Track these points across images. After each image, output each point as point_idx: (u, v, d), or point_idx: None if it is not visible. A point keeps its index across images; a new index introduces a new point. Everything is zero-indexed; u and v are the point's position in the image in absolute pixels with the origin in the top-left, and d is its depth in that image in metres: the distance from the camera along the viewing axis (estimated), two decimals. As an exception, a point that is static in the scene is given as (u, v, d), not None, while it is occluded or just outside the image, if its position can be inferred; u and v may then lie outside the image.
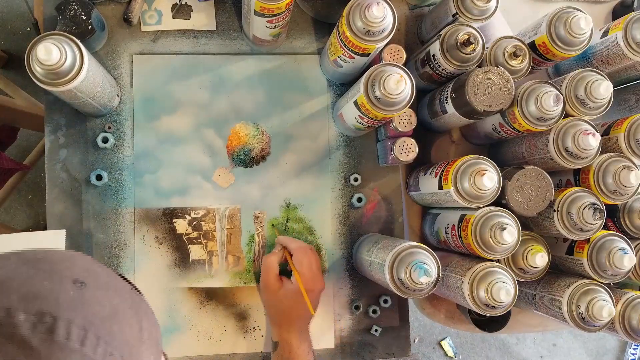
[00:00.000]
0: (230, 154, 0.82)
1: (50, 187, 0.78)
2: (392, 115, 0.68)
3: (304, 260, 0.74)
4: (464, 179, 0.67)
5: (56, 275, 0.33)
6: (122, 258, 0.79)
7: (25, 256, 0.35)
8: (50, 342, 0.30)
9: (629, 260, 0.68)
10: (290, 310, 0.74)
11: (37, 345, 0.29)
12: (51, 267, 0.34)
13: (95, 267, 0.37)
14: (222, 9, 0.83)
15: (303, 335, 0.74)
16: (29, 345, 0.29)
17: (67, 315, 0.31)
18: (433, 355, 1.79)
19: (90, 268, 0.37)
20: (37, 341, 0.29)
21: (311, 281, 0.74)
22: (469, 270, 0.67)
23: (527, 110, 0.68)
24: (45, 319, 0.30)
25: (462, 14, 0.73)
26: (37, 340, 0.29)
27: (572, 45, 0.71)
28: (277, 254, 0.77)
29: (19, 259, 0.34)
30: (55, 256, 0.36)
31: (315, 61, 0.85)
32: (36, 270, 0.33)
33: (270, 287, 0.75)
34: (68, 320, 0.31)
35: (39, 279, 0.33)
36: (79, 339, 0.31)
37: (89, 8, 0.72)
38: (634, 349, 1.87)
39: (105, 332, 0.32)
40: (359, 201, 0.84)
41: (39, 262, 0.34)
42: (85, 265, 0.37)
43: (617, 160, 0.70)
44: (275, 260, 0.76)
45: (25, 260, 0.34)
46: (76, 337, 0.31)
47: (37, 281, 0.32)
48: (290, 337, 0.73)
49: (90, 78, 0.66)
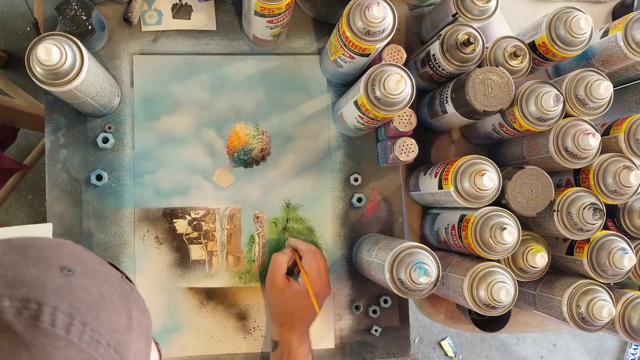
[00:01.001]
0: (230, 154, 0.82)
1: (50, 187, 0.78)
2: (392, 115, 0.68)
3: (313, 263, 0.74)
4: (464, 179, 0.67)
5: (43, 262, 0.33)
6: (122, 258, 0.79)
7: (14, 243, 0.35)
8: (35, 328, 0.30)
9: (629, 260, 0.68)
10: (294, 310, 0.74)
11: (21, 331, 0.29)
12: (39, 254, 0.34)
13: (84, 255, 0.37)
14: (222, 9, 0.83)
15: (303, 337, 0.74)
16: (14, 331, 0.29)
17: (53, 302, 0.31)
18: (433, 355, 1.79)
19: (80, 256, 0.36)
20: (22, 327, 0.29)
21: (319, 284, 0.74)
22: (469, 270, 0.67)
23: (527, 110, 0.68)
24: (31, 305, 0.30)
25: (462, 14, 0.73)
26: (21, 326, 0.29)
27: (572, 45, 0.71)
28: (286, 254, 0.77)
29: (7, 246, 0.34)
30: (44, 243, 0.36)
31: (315, 61, 0.85)
32: (24, 257, 0.33)
33: (277, 285, 0.75)
34: (53, 307, 0.31)
35: (26, 265, 0.32)
36: (64, 326, 0.31)
37: (89, 8, 0.72)
38: (634, 349, 1.87)
39: (91, 319, 0.32)
40: (359, 201, 0.84)
41: (27, 249, 0.34)
42: (74, 252, 0.36)
43: (617, 160, 0.70)
44: (285, 260, 0.76)
45: (13, 247, 0.34)
46: (61, 323, 0.30)
47: (24, 268, 0.32)
48: (291, 337, 0.73)
49: (90, 78, 0.66)
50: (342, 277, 0.83)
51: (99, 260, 0.38)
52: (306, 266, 0.75)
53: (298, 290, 0.74)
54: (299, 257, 0.77)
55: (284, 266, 0.76)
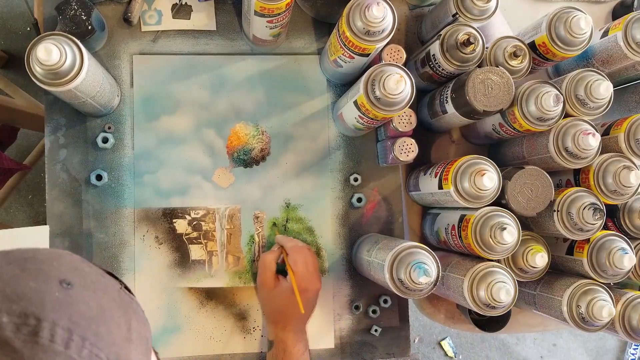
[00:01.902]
0: (230, 154, 0.82)
1: (50, 187, 0.78)
2: (392, 115, 0.68)
3: (298, 260, 0.74)
4: (464, 179, 0.67)
5: (42, 275, 0.33)
6: (122, 258, 0.79)
7: (12, 255, 0.34)
8: (34, 344, 0.29)
9: (629, 260, 0.68)
10: (286, 309, 0.74)
11: (20, 347, 0.29)
12: (37, 266, 0.34)
13: (83, 266, 0.37)
14: (222, 9, 0.83)
15: (298, 335, 0.74)
16: (12, 348, 0.29)
17: (52, 317, 0.31)
18: (433, 355, 1.79)
19: (78, 267, 0.36)
20: (20, 343, 0.29)
21: (306, 280, 0.73)
22: (469, 270, 0.67)
23: (527, 110, 0.68)
24: (29, 321, 0.30)
25: (462, 14, 0.73)
26: (20, 342, 0.29)
27: (572, 45, 0.71)
28: (274, 252, 0.76)
29: (4, 258, 0.34)
30: (42, 255, 0.35)
31: (315, 61, 0.85)
32: (22, 270, 0.33)
33: (267, 285, 0.75)
34: (52, 322, 0.31)
35: (25, 279, 0.32)
36: (64, 341, 0.30)
37: (89, 8, 0.72)
38: (634, 349, 1.87)
39: (91, 334, 0.32)
40: (359, 201, 0.84)
41: (25, 262, 0.34)
42: (73, 264, 0.36)
43: (617, 160, 0.70)
44: (273, 259, 0.75)
45: (12, 259, 0.34)
46: (60, 339, 0.30)
47: (23, 281, 0.32)
48: (285, 336, 0.73)
49: (90, 78, 0.66)
50: (342, 277, 0.83)
51: (98, 271, 0.38)
52: (292, 263, 0.74)
53: (287, 288, 0.73)
54: (286, 254, 0.76)
55: (273, 265, 0.75)
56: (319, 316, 0.80)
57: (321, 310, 0.80)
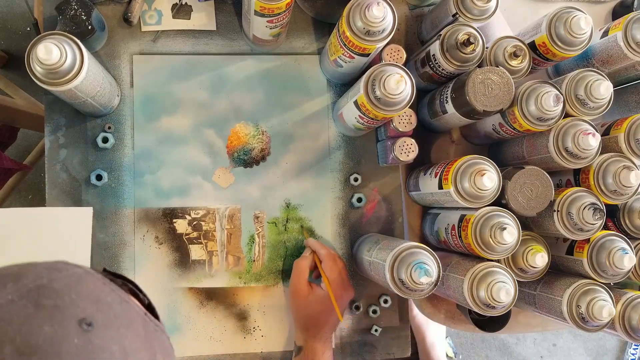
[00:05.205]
0: (230, 154, 0.82)
1: (50, 187, 0.78)
2: (392, 115, 0.68)
3: (334, 267, 0.74)
4: (464, 179, 0.67)
5: (58, 314, 0.29)
6: (122, 258, 0.79)
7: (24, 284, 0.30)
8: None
9: (629, 260, 0.67)
10: (319, 316, 0.74)
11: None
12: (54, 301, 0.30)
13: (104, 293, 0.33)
14: (222, 9, 0.83)
15: (327, 343, 0.74)
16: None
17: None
18: (433, 355, 1.79)
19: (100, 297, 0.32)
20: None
21: (341, 289, 0.74)
22: (469, 270, 0.67)
23: (527, 110, 0.68)
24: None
25: (462, 14, 0.73)
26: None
27: (572, 45, 0.71)
28: (307, 259, 0.76)
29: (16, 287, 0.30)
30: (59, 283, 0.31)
31: (315, 61, 0.85)
32: (36, 307, 0.29)
33: (301, 291, 0.74)
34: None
35: (39, 322, 0.28)
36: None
37: (89, 8, 0.72)
38: (634, 349, 1.87)
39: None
40: (359, 201, 0.84)
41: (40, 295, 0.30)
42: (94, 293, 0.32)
43: (617, 160, 0.70)
44: (307, 265, 0.75)
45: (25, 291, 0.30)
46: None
47: (36, 326, 0.28)
48: (315, 344, 0.73)
49: (90, 78, 0.66)
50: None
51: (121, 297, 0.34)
52: (327, 270, 0.74)
53: (322, 296, 0.73)
54: (319, 260, 0.76)
55: (307, 271, 0.75)
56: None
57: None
